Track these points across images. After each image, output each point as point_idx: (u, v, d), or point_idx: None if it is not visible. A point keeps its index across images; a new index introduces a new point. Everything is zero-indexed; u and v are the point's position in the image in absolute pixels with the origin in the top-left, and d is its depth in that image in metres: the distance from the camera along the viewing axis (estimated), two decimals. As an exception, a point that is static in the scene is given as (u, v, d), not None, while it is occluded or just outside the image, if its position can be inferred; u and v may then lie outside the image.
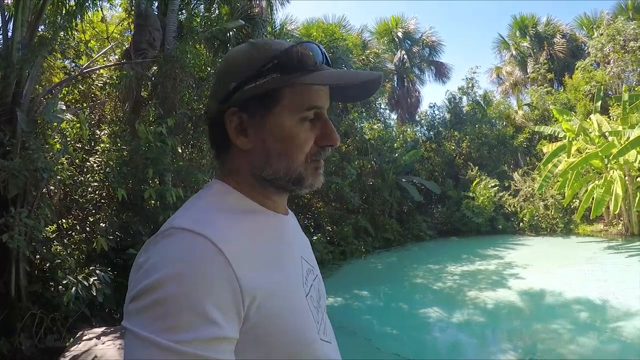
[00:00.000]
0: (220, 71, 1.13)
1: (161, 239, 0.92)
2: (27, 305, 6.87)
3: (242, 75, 1.06)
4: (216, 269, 0.87)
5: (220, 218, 0.99)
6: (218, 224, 0.96)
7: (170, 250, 0.89)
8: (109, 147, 9.94)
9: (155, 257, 0.89)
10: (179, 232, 0.91)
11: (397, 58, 32.68)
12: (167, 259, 0.87)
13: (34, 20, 7.48)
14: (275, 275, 1.02)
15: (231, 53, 1.15)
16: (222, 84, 1.09)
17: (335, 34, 19.66)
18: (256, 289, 0.92)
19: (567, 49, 29.91)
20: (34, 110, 7.35)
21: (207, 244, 0.89)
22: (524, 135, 24.97)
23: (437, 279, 13.71)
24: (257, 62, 1.07)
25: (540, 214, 21.49)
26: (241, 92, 1.06)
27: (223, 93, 1.08)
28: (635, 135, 16.18)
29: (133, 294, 0.86)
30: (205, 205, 1.05)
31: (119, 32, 13.38)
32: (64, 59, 10.57)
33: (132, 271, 0.93)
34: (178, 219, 0.97)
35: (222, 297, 0.86)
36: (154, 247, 0.92)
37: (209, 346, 0.82)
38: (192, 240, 0.89)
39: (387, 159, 22.03)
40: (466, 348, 8.88)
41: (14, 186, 6.41)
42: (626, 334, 8.17)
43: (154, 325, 0.81)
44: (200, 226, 0.92)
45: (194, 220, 0.95)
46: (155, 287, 0.83)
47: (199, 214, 1.00)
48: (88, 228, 9.13)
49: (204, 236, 0.89)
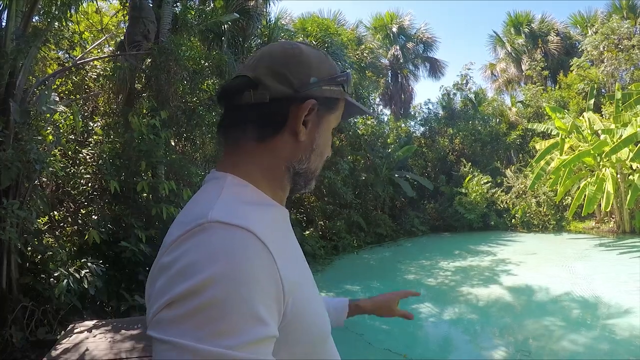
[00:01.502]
0: (291, 59, 1.10)
1: (195, 235, 0.86)
2: (18, 298, 6.84)
3: (322, 74, 1.11)
4: (264, 264, 0.85)
5: (250, 210, 0.95)
6: (253, 217, 0.92)
7: (211, 246, 0.83)
8: (102, 139, 9.91)
9: (191, 255, 0.83)
10: (217, 226, 0.86)
11: (391, 53, 32.71)
12: (209, 257, 0.81)
13: (28, 10, 7.44)
14: (299, 268, 1.03)
15: (300, 47, 1.14)
16: (297, 73, 1.08)
17: (329, 28, 19.62)
18: (292, 285, 0.90)
19: (561, 47, 30.04)
20: (27, 101, 7.31)
21: (252, 238, 0.86)
22: (517, 132, 25.01)
23: (429, 275, 13.74)
24: (333, 69, 1.16)
25: (533, 210, 21.55)
26: (319, 89, 1.10)
27: (298, 82, 1.08)
28: (628, 134, 16.26)
29: (168, 300, 0.79)
30: (228, 197, 0.98)
31: (113, 23, 13.30)
32: (57, 50, 10.50)
33: (155, 274, 0.87)
34: (209, 211, 0.90)
35: (269, 294, 0.84)
36: (186, 244, 0.85)
37: (259, 347, 0.79)
38: (236, 235, 0.85)
39: (380, 154, 22.04)
40: (457, 343, 8.92)
41: (6, 177, 6.38)
42: (617, 331, 8.23)
43: (203, 333, 0.76)
44: (240, 219, 0.88)
45: (229, 212, 0.90)
46: (200, 290, 0.78)
47: (230, 207, 0.93)
48: (80, 220, 9.10)
49: (248, 229, 0.86)
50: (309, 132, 1.10)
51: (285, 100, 1.07)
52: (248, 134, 1.09)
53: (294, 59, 1.10)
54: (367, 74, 24.07)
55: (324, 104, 1.11)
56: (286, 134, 1.08)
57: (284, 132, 1.08)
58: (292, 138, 1.09)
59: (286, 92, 1.06)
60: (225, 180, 1.04)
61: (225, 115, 1.13)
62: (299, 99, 1.07)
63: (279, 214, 1.09)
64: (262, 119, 1.08)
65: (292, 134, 1.08)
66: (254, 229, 0.86)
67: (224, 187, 1.01)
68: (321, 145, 1.15)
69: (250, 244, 0.85)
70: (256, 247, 0.85)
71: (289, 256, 0.97)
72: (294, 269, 0.95)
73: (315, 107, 1.08)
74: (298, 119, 1.07)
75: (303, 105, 1.06)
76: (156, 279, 0.86)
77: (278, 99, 1.06)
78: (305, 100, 1.07)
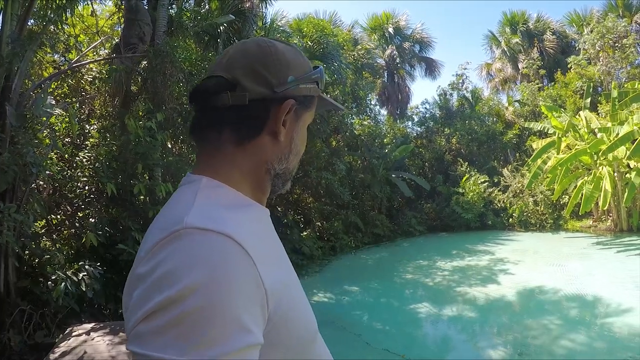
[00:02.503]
0: (268, 58, 1.07)
1: (171, 242, 0.81)
2: (16, 301, 6.83)
3: (298, 72, 1.10)
4: (245, 271, 0.81)
5: (229, 214, 0.91)
6: (232, 221, 0.87)
7: (189, 253, 0.79)
8: (98, 141, 9.90)
9: (168, 264, 0.78)
10: (195, 232, 0.81)
11: (387, 54, 32.73)
12: (188, 265, 0.77)
13: (23, 13, 7.43)
14: (282, 270, 0.99)
15: (275, 45, 1.10)
16: (275, 72, 1.06)
17: (325, 29, 19.62)
18: (275, 288, 0.87)
19: (557, 46, 30.08)
20: (23, 104, 7.29)
21: (231, 243, 0.81)
22: (514, 131, 25.05)
23: (426, 275, 13.75)
24: (307, 66, 1.15)
25: (530, 209, 21.58)
26: (297, 87, 1.08)
27: (276, 81, 1.05)
28: (624, 132, 16.28)
29: (147, 311, 0.75)
30: (204, 200, 0.93)
31: (109, 26, 13.31)
32: (53, 53, 10.50)
33: (132, 285, 0.83)
34: (184, 216, 0.85)
35: (251, 300, 0.80)
36: (162, 252, 0.80)
37: (245, 356, 0.75)
38: (213, 240, 0.81)
39: (377, 154, 22.04)
40: (456, 343, 8.93)
41: (3, 181, 6.37)
42: (615, 329, 8.25)
43: (186, 344, 0.72)
44: (217, 223, 0.83)
45: (205, 217, 0.86)
46: (180, 299, 0.73)
47: (207, 211, 0.89)
48: (77, 223, 9.09)
49: (226, 234, 0.82)
50: (287, 131, 1.09)
51: (264, 102, 1.04)
52: (226, 136, 1.05)
53: (271, 57, 1.07)
54: (364, 75, 24.05)
55: (301, 103, 1.10)
56: (265, 135, 1.06)
57: (263, 134, 1.06)
58: (272, 139, 1.07)
59: (265, 93, 1.04)
60: (200, 183, 1.00)
61: (200, 117, 1.09)
62: (278, 99, 1.05)
63: (258, 214, 1.06)
64: (241, 121, 1.05)
65: (272, 135, 1.07)
66: (232, 233, 0.82)
67: (198, 191, 0.97)
68: (299, 144, 1.14)
69: (229, 249, 0.81)
70: (235, 252, 0.81)
71: (270, 258, 0.94)
72: (276, 271, 0.92)
73: (294, 107, 1.07)
74: (278, 120, 1.05)
75: (283, 105, 1.05)
76: (133, 290, 0.82)
77: (257, 100, 1.04)
78: (284, 100, 1.05)
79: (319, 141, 18.00)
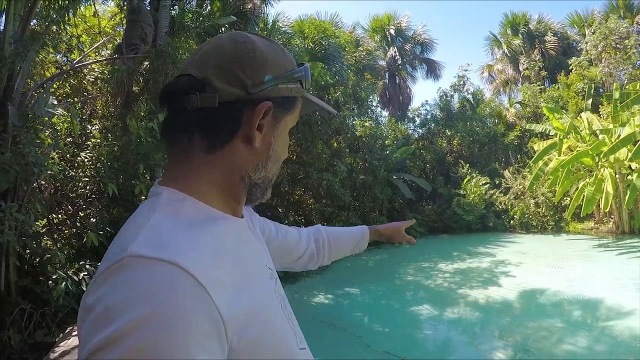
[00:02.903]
0: (243, 55, 0.98)
1: (114, 273, 0.74)
2: (17, 300, 6.84)
3: (278, 70, 1.01)
4: (195, 302, 0.73)
5: (183, 236, 0.83)
6: (184, 245, 0.80)
7: (132, 286, 0.72)
8: (100, 142, 9.92)
9: (110, 297, 0.71)
10: (138, 262, 0.74)
11: (389, 55, 32.74)
12: (130, 299, 0.70)
13: (26, 14, 7.44)
14: (250, 292, 0.89)
15: (252, 41, 1.01)
16: (250, 72, 0.97)
17: (327, 30, 19.63)
18: (236, 315, 0.80)
19: (559, 47, 30.06)
20: (26, 104, 7.31)
21: (180, 274, 0.73)
22: (515, 133, 25.05)
23: (427, 277, 13.74)
24: (290, 64, 1.05)
25: (531, 211, 21.56)
26: (275, 88, 0.99)
27: (251, 82, 0.97)
28: (626, 133, 16.26)
29: (90, 350, 0.69)
30: (161, 220, 0.86)
31: (111, 27, 13.32)
32: (55, 53, 10.52)
33: (80, 314, 0.76)
34: (131, 243, 0.78)
35: (204, 334, 0.72)
36: (105, 284, 0.74)
37: None
38: (159, 270, 0.73)
39: (378, 156, 22.03)
40: (457, 345, 8.91)
41: (5, 180, 6.38)
42: (616, 332, 8.23)
43: None
44: (165, 250, 0.76)
45: (154, 243, 0.78)
46: (122, 338, 0.67)
47: (157, 234, 0.81)
48: (78, 223, 9.11)
49: (174, 263, 0.74)
50: (265, 137, 1.00)
51: (237, 104, 0.96)
52: (195, 142, 0.96)
53: (247, 55, 0.98)
54: (366, 76, 24.05)
55: (280, 105, 1.01)
56: (239, 141, 0.97)
57: (236, 140, 0.97)
58: (246, 145, 0.98)
59: (238, 95, 0.95)
60: (160, 198, 0.93)
61: (170, 119, 1.00)
62: (253, 101, 0.96)
63: (228, 229, 0.96)
64: (211, 126, 0.96)
65: (246, 141, 0.98)
66: (182, 261, 0.75)
67: (156, 207, 0.90)
68: (278, 150, 1.05)
69: (177, 280, 0.73)
70: (183, 282, 0.73)
71: (235, 282, 0.86)
72: (242, 297, 0.85)
73: (270, 110, 0.98)
74: (252, 125, 0.97)
75: (257, 108, 0.96)
76: (82, 321, 0.74)
77: (229, 102, 0.95)
78: (260, 102, 0.96)
79: (320, 142, 18.01)
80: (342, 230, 1.97)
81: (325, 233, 1.87)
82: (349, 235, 1.97)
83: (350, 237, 1.97)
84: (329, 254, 1.85)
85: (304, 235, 1.79)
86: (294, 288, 11.96)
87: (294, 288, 11.96)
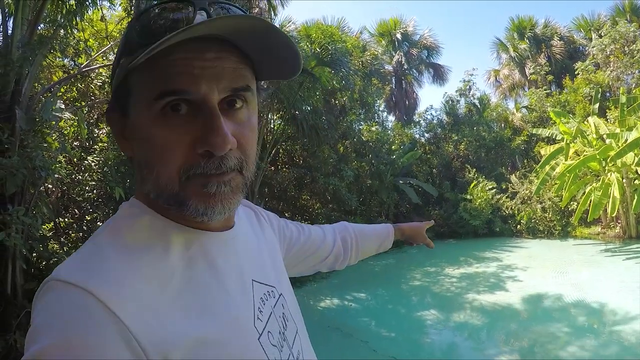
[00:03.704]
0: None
1: (42, 295, 0.72)
2: (23, 303, 6.86)
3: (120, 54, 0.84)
4: (104, 328, 0.67)
5: (114, 258, 0.75)
6: (108, 268, 0.73)
7: (47, 311, 0.69)
8: (107, 146, 9.95)
9: (37, 318, 0.69)
10: (58, 285, 0.71)
11: (395, 60, 32.74)
12: (46, 323, 0.67)
13: (34, 18, 7.47)
14: (204, 322, 0.79)
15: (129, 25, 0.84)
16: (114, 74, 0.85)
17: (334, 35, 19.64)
18: (168, 346, 0.72)
19: (565, 52, 29.98)
20: (33, 108, 7.34)
21: (88, 300, 0.68)
22: (522, 137, 24.95)
23: (434, 281, 13.71)
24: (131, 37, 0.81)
25: (538, 216, 21.47)
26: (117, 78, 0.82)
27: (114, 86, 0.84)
28: (633, 138, 16.18)
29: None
30: (105, 238, 0.80)
31: (118, 31, 13.36)
32: (63, 57, 10.55)
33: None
34: (63, 264, 0.76)
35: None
36: (37, 304, 0.72)
37: None
38: (73, 296, 0.69)
39: (384, 160, 22.00)
40: (463, 351, 8.88)
41: (12, 184, 6.40)
42: (623, 337, 8.19)
43: None
44: (85, 276, 0.71)
45: (80, 266, 0.74)
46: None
47: (87, 257, 0.77)
48: (85, 227, 9.15)
49: (85, 289, 0.69)
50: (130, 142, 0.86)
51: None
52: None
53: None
54: (373, 81, 24.03)
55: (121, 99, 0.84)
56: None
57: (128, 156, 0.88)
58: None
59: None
60: (118, 212, 0.89)
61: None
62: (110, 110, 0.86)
63: (187, 247, 0.85)
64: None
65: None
66: (94, 287, 0.69)
67: (108, 225, 0.85)
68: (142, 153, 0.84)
69: (84, 305, 0.68)
70: (93, 310, 0.68)
71: (179, 309, 0.76)
72: (183, 327, 0.75)
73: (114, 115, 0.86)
74: (116, 137, 0.88)
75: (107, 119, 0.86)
76: None
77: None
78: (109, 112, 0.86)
79: (326, 147, 18.03)
80: (368, 228, 1.86)
81: (353, 231, 1.74)
82: (374, 233, 1.87)
83: (376, 235, 1.87)
84: (356, 253, 1.74)
85: (329, 234, 1.63)
86: (300, 292, 11.95)
87: (300, 292, 11.95)
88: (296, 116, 15.77)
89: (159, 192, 0.81)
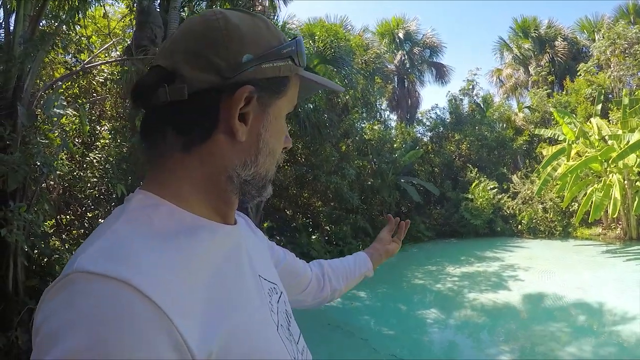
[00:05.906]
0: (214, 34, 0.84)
1: (59, 291, 0.64)
2: (25, 300, 6.85)
3: (259, 48, 0.86)
4: (148, 325, 0.62)
5: (145, 249, 0.70)
6: (141, 257, 0.68)
7: (72, 307, 0.61)
8: (109, 142, 9.94)
9: (52, 321, 0.62)
10: (82, 278, 0.63)
11: (397, 59, 32.72)
12: (69, 323, 0.60)
13: (36, 14, 7.46)
14: (234, 314, 0.77)
15: (225, 16, 0.86)
16: (223, 52, 0.83)
17: (338, 33, 19.61)
18: (210, 343, 0.68)
19: (568, 52, 29.94)
20: (35, 104, 7.34)
21: (129, 292, 0.62)
22: (524, 137, 24.94)
23: (435, 280, 13.71)
24: (274, 39, 0.89)
25: (539, 216, 21.47)
26: (257, 69, 0.85)
27: (225, 64, 0.83)
28: (635, 139, 16.18)
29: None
30: (122, 229, 0.74)
31: (120, 28, 13.34)
32: (65, 54, 10.55)
33: (33, 336, 0.66)
34: (81, 255, 0.67)
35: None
36: (51, 302, 0.64)
37: None
38: (104, 289, 0.62)
39: (386, 159, 21.98)
40: (464, 350, 8.88)
41: (14, 180, 6.40)
42: (623, 338, 8.19)
43: None
44: (116, 264, 0.65)
45: (106, 256, 0.67)
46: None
47: (112, 246, 0.70)
48: (87, 224, 9.15)
49: (124, 281, 0.62)
50: (251, 127, 0.86)
51: (211, 93, 0.82)
52: (169, 141, 0.84)
53: (219, 33, 0.84)
54: (376, 80, 24.00)
55: (266, 88, 0.86)
56: (220, 135, 0.84)
57: (217, 134, 0.84)
58: (229, 139, 0.85)
59: (211, 81, 0.82)
60: (129, 204, 0.81)
61: (144, 119, 0.88)
62: (230, 87, 0.82)
63: (210, 238, 0.83)
64: (183, 121, 0.84)
65: (228, 134, 0.84)
66: (132, 277, 0.63)
67: (121, 215, 0.78)
68: (270, 142, 0.90)
69: (126, 301, 0.62)
70: (134, 302, 0.62)
71: (212, 303, 0.74)
72: (217, 321, 0.72)
73: (253, 95, 0.84)
74: (232, 115, 0.83)
75: (235, 95, 0.82)
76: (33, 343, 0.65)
77: (201, 92, 0.82)
78: (238, 88, 0.82)
79: (328, 145, 18.00)
80: (340, 259, 1.78)
81: (326, 261, 1.68)
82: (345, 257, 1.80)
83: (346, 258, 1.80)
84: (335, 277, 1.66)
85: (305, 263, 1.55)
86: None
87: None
88: (298, 114, 15.74)
89: (263, 176, 0.91)
